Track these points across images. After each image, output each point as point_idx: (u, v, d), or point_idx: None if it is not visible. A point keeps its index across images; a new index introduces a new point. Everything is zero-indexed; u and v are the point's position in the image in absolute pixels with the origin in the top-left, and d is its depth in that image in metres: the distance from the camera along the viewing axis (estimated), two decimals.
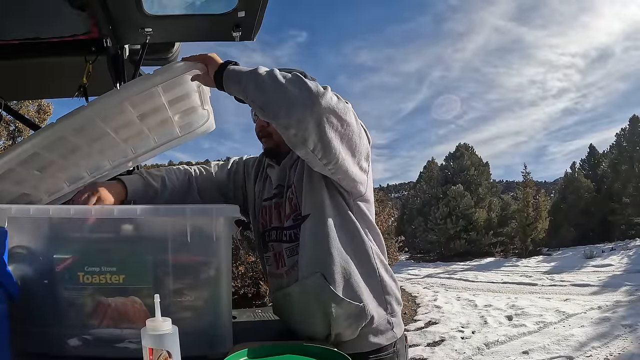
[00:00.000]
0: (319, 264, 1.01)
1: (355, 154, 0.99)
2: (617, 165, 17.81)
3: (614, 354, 4.02)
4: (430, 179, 20.99)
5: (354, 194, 1.07)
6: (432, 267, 14.80)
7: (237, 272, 5.88)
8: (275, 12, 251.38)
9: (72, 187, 1.20)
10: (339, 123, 0.91)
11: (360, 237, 1.06)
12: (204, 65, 1.02)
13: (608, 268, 9.85)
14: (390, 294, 1.09)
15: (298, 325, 1.08)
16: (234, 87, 0.97)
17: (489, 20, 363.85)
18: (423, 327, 5.72)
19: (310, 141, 0.90)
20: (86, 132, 1.06)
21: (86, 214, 0.94)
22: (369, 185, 1.10)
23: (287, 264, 1.09)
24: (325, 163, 0.95)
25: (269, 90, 0.90)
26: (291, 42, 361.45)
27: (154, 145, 1.28)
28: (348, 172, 1.00)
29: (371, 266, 1.06)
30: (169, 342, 0.71)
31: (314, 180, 1.06)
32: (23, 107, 7.32)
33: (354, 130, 0.96)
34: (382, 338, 1.06)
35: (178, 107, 1.21)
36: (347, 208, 1.06)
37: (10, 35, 1.38)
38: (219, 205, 0.98)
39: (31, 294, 0.90)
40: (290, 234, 1.08)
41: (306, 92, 0.88)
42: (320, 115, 0.88)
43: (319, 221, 1.03)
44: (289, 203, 1.10)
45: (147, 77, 1.01)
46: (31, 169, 1.06)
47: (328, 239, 1.01)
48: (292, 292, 1.06)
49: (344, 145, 0.94)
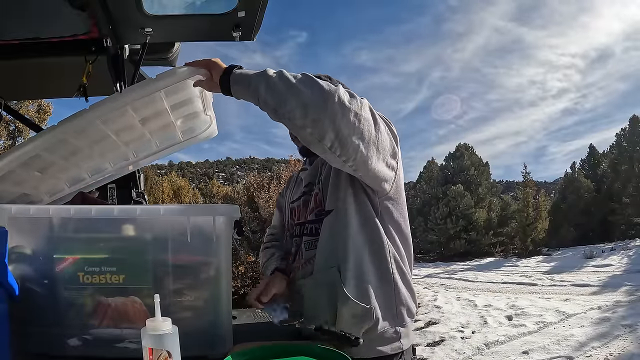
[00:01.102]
0: (334, 260, 1.01)
1: (376, 150, 0.95)
2: (617, 165, 17.81)
3: (613, 354, 4.02)
4: (430, 179, 20.99)
5: (380, 193, 1.05)
6: (432, 267, 14.80)
7: (237, 272, 5.89)
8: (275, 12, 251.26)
9: (73, 188, 1.20)
10: (355, 119, 0.89)
11: (380, 239, 1.03)
12: (207, 70, 1.01)
13: (608, 268, 9.86)
14: (402, 304, 1.05)
15: (305, 315, 1.07)
16: (242, 91, 0.96)
17: (488, 20, 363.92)
18: (423, 327, 5.73)
19: (327, 139, 0.88)
20: (87, 134, 1.06)
21: (86, 213, 0.94)
22: (396, 184, 1.06)
23: (304, 257, 1.09)
24: (345, 160, 0.93)
25: (281, 92, 0.89)
26: (291, 42, 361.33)
27: (155, 149, 1.28)
28: (370, 169, 0.96)
29: (387, 271, 1.03)
30: (169, 342, 0.71)
31: (341, 177, 1.05)
32: (23, 107, 7.32)
33: (372, 126, 0.92)
34: (387, 347, 1.03)
35: (180, 112, 1.21)
36: (372, 208, 1.04)
37: (10, 35, 1.38)
38: (218, 205, 0.98)
39: (31, 294, 0.90)
40: (312, 227, 1.09)
41: (319, 91, 0.87)
42: (334, 112, 0.86)
43: (340, 218, 1.03)
44: (314, 198, 1.11)
45: (150, 82, 1.01)
46: (32, 170, 1.07)
47: (346, 237, 1.01)
48: (305, 284, 1.06)
49: (362, 141, 0.91)
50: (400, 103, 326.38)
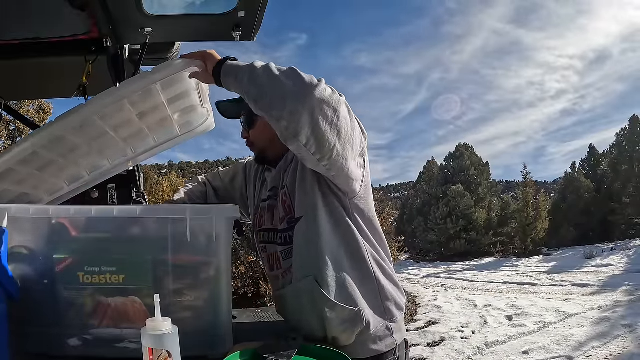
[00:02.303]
0: (311, 267, 0.99)
1: (350, 149, 0.94)
2: (617, 165, 17.80)
3: (613, 353, 4.02)
4: (430, 179, 20.98)
5: (350, 194, 1.03)
6: (432, 267, 14.79)
7: (237, 272, 5.88)
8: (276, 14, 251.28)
9: (72, 187, 1.20)
10: (333, 115, 0.87)
11: (355, 240, 1.02)
12: (202, 62, 1.01)
13: (608, 268, 9.85)
14: (389, 299, 1.05)
15: (296, 325, 1.08)
16: (231, 82, 0.96)
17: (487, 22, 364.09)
18: (423, 327, 5.72)
19: (302, 135, 0.86)
20: (85, 130, 1.06)
21: (86, 213, 0.94)
22: (365, 182, 1.06)
23: (283, 267, 1.08)
24: (319, 158, 0.91)
25: (263, 83, 0.89)
26: (291, 44, 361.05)
27: (153, 144, 1.28)
28: (343, 169, 0.96)
29: (367, 270, 1.03)
30: (169, 342, 0.71)
31: (307, 182, 1.03)
32: (23, 107, 7.32)
33: (348, 124, 0.92)
34: (381, 345, 1.03)
35: (177, 105, 1.21)
36: (342, 209, 1.03)
37: (10, 35, 1.38)
38: (219, 205, 0.98)
39: (31, 294, 0.90)
40: (285, 236, 1.06)
41: (300, 83, 0.86)
42: (313, 106, 0.85)
43: (312, 223, 1.00)
44: (282, 205, 1.08)
45: (146, 75, 1.01)
46: (31, 169, 1.06)
47: (320, 242, 0.99)
48: (286, 294, 1.05)
49: (338, 139, 0.90)
50: (399, 104, 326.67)
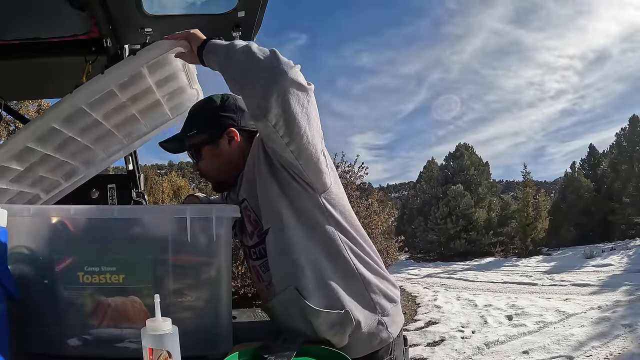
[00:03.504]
0: (290, 277, 0.97)
1: (319, 139, 0.93)
2: (617, 165, 17.80)
3: (613, 353, 4.03)
4: (430, 178, 20.99)
5: (320, 188, 0.99)
6: (432, 267, 14.80)
7: (237, 272, 5.88)
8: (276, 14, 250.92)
9: (69, 183, 1.20)
10: (304, 99, 0.87)
11: (331, 239, 0.99)
12: (187, 42, 1.00)
13: (608, 268, 9.85)
14: (376, 293, 1.01)
15: (283, 331, 1.03)
16: (212, 59, 0.96)
17: (487, 23, 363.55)
18: (423, 327, 5.73)
19: (272, 114, 0.85)
20: (75, 121, 1.06)
21: (86, 213, 0.94)
22: (334, 175, 1.03)
23: (264, 279, 1.05)
24: (288, 142, 0.89)
25: (241, 59, 0.89)
26: (291, 44, 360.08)
27: (146, 130, 1.28)
28: (312, 157, 0.93)
29: (348, 267, 0.99)
30: (169, 342, 0.71)
31: (267, 186, 0.98)
32: (23, 107, 7.32)
33: (316, 112, 0.91)
34: (375, 341, 1.00)
35: (166, 88, 1.21)
36: (313, 208, 0.99)
37: (10, 35, 1.38)
38: (219, 205, 0.98)
39: (31, 294, 0.90)
40: (259, 250, 1.04)
41: (276, 62, 0.86)
42: (286, 85, 0.84)
43: (280, 233, 0.97)
44: (248, 220, 1.05)
45: (131, 58, 1.01)
46: (24, 166, 1.06)
47: (293, 250, 0.96)
48: (274, 306, 1.03)
49: (308, 124, 0.88)
50: (399, 104, 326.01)
